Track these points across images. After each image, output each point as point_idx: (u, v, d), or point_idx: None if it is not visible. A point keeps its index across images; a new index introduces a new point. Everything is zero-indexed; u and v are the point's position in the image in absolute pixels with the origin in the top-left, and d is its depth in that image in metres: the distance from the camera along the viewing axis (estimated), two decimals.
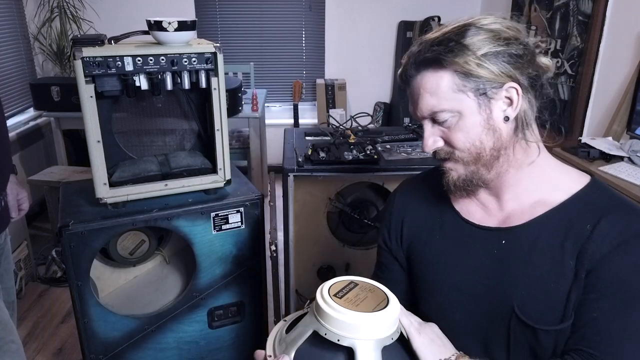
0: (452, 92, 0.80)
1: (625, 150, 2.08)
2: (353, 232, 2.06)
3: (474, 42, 0.79)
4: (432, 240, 0.96)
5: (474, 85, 0.79)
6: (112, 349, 1.54)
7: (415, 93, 0.84)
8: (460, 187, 0.87)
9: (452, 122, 0.82)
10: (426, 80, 0.82)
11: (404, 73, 0.85)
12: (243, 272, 1.66)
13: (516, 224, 0.86)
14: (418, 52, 0.83)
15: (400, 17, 4.03)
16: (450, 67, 0.79)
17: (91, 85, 1.32)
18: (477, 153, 0.83)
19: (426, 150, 0.86)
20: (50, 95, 3.15)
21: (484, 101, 0.80)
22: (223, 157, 1.54)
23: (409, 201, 1.02)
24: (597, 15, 2.62)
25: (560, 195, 0.84)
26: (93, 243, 1.41)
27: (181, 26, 1.37)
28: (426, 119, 0.85)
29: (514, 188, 0.87)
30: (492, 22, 0.82)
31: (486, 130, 0.82)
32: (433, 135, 0.85)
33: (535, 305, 0.82)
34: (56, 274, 2.73)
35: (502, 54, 0.79)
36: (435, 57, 0.80)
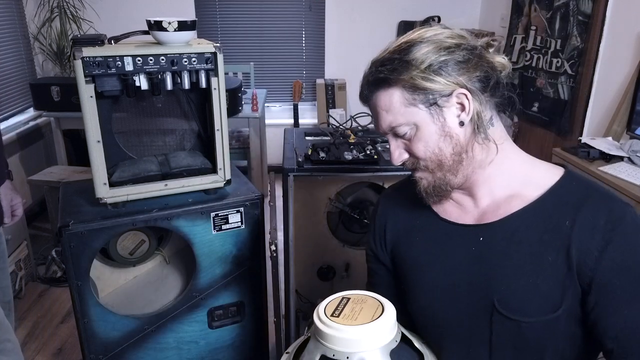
0: (404, 107, 0.84)
1: (625, 150, 2.08)
2: (353, 232, 2.06)
3: (417, 56, 0.82)
4: (413, 242, 0.98)
5: (423, 97, 0.83)
6: (112, 349, 1.54)
7: (374, 111, 0.89)
8: (431, 193, 0.90)
9: (411, 134, 0.86)
10: (380, 99, 0.86)
11: (361, 94, 0.91)
12: (243, 272, 1.66)
13: (492, 220, 0.88)
14: (369, 73, 0.88)
15: (400, 17, 4.03)
16: (398, 84, 0.83)
17: (91, 85, 1.32)
18: (439, 160, 0.86)
19: (395, 163, 0.91)
20: (50, 95, 3.15)
21: (435, 111, 0.84)
22: (223, 157, 1.54)
23: (391, 206, 1.05)
24: (597, 15, 2.62)
25: (534, 189, 0.86)
26: (93, 243, 1.41)
27: (181, 26, 1.37)
28: (388, 133, 0.90)
29: (486, 185, 0.89)
30: (434, 34, 0.84)
31: (443, 138, 0.85)
32: (398, 148, 0.90)
33: (515, 299, 0.84)
34: (56, 274, 2.73)
35: (446, 63, 0.81)
36: (384, 77, 0.84)
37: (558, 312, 0.81)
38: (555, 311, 0.81)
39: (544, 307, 0.82)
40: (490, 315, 0.86)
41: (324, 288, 2.11)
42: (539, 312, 0.82)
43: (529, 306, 0.82)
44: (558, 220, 0.82)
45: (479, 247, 0.89)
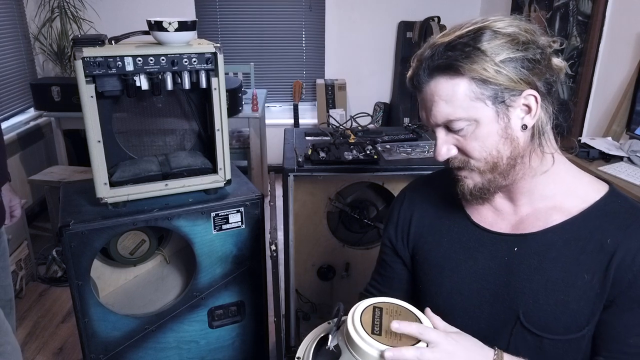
0: (469, 100, 0.76)
1: (624, 150, 2.08)
2: (353, 232, 2.06)
3: (492, 47, 0.75)
4: (440, 242, 0.94)
5: (492, 93, 0.76)
6: (113, 348, 1.54)
7: (429, 100, 0.80)
8: (476, 195, 0.84)
9: (468, 130, 0.79)
10: (441, 87, 0.77)
11: (416, 78, 0.80)
12: (243, 271, 1.66)
13: (530, 230, 0.84)
14: (431, 56, 0.78)
15: (400, 17, 4.03)
16: (467, 74, 0.75)
17: (92, 85, 1.32)
18: (494, 162, 0.80)
19: (439, 159, 0.84)
20: (50, 95, 3.16)
21: (502, 109, 0.77)
22: (223, 157, 1.54)
23: (418, 200, 1.00)
24: (596, 15, 2.62)
25: (577, 203, 0.82)
26: (93, 243, 1.42)
27: (181, 26, 1.38)
28: (439, 126, 0.81)
29: (530, 194, 0.85)
30: (508, 24, 0.77)
31: (503, 140, 0.79)
32: (447, 143, 0.82)
33: (542, 315, 0.81)
34: (56, 273, 2.73)
35: (521, 60, 0.75)
36: (451, 63, 0.76)
37: (583, 332, 0.80)
38: (580, 330, 0.80)
39: (570, 326, 0.80)
40: (512, 327, 0.84)
41: (324, 288, 2.12)
42: (565, 330, 0.80)
43: (555, 324, 0.80)
44: (599, 239, 0.79)
45: (511, 257, 0.85)
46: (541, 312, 0.81)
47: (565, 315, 0.80)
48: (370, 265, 2.16)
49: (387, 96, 4.28)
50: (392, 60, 4.19)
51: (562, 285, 0.80)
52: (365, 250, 2.04)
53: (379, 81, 4.23)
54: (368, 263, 2.07)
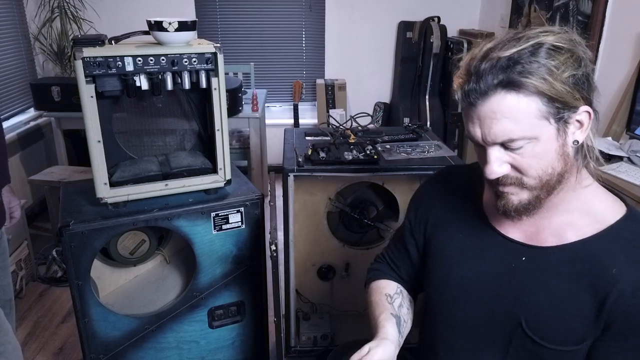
0: (534, 118, 0.74)
1: (624, 151, 2.08)
2: (353, 232, 2.06)
3: (557, 64, 0.72)
4: (453, 236, 0.96)
5: (556, 111, 0.74)
6: (113, 348, 1.54)
7: (488, 117, 0.75)
8: (520, 211, 0.83)
9: (527, 148, 0.76)
10: (506, 104, 0.73)
11: (472, 93, 0.75)
12: (243, 271, 1.66)
13: (542, 244, 0.85)
14: (491, 69, 0.73)
15: (400, 17, 4.03)
16: (535, 91, 0.72)
17: (92, 85, 1.32)
18: (547, 180, 0.79)
19: (491, 177, 0.80)
20: (50, 95, 3.15)
21: (562, 126, 0.76)
22: (223, 157, 1.54)
23: (442, 192, 1.01)
24: (596, 15, 2.62)
25: (592, 223, 0.82)
26: (93, 243, 1.42)
27: (181, 26, 1.38)
28: (496, 144, 0.78)
29: (554, 207, 0.84)
30: (562, 39, 0.74)
31: (558, 156, 0.77)
32: (499, 159, 0.78)
33: (544, 324, 0.84)
34: (57, 273, 2.73)
35: (581, 77, 0.74)
36: (518, 79, 0.72)
37: (580, 346, 0.82)
38: (578, 344, 0.82)
39: (568, 339, 0.82)
40: (513, 331, 0.86)
41: (324, 288, 2.12)
42: (563, 342, 0.83)
43: (554, 335, 0.83)
44: (606, 265, 0.79)
45: (518, 265, 0.87)
46: (542, 323, 0.83)
47: (564, 329, 0.82)
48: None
49: (387, 96, 4.28)
50: (392, 60, 4.18)
51: (564, 302, 0.82)
52: (365, 250, 2.04)
53: (379, 81, 4.23)
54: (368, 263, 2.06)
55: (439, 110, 3.99)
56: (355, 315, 2.15)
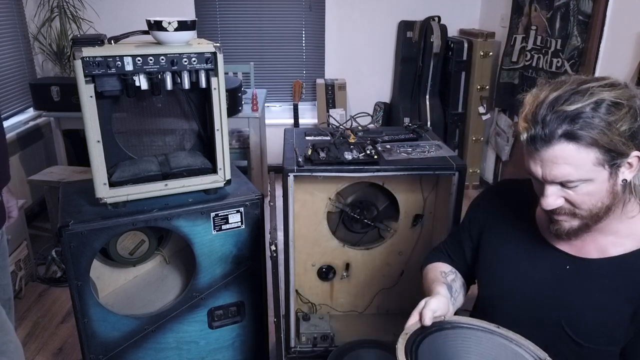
0: (591, 165, 0.84)
1: None
2: (353, 232, 2.05)
3: (615, 119, 0.81)
4: (507, 241, 1.08)
5: (611, 158, 0.84)
6: (112, 349, 1.54)
7: (551, 161, 0.85)
8: (570, 235, 0.95)
9: (582, 187, 0.87)
10: (568, 153, 0.84)
11: (539, 140, 0.85)
12: (243, 272, 1.66)
13: (587, 256, 0.97)
14: (556, 119, 0.83)
15: (400, 17, 4.02)
16: (595, 144, 0.82)
17: (91, 85, 1.32)
18: (597, 212, 0.90)
19: (547, 208, 0.91)
20: (50, 95, 3.15)
21: (614, 170, 0.86)
22: (223, 157, 1.54)
23: (501, 200, 1.14)
24: (597, 15, 2.62)
25: (635, 243, 0.94)
26: (93, 243, 1.41)
27: (181, 26, 1.37)
28: (550, 183, 0.89)
29: (600, 229, 0.95)
30: (621, 95, 0.83)
31: (609, 194, 0.88)
32: (555, 194, 0.90)
33: (583, 327, 0.95)
34: (56, 274, 2.72)
35: (637, 129, 0.84)
36: (581, 134, 0.82)
37: (615, 348, 0.94)
38: (613, 345, 0.94)
39: (606, 340, 0.94)
40: (556, 332, 0.98)
41: (324, 288, 2.11)
42: (600, 342, 0.94)
43: (593, 335, 0.95)
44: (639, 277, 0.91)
45: (563, 273, 0.99)
46: (583, 325, 0.95)
47: (603, 331, 0.94)
48: (371, 265, 2.17)
49: (387, 96, 4.28)
50: (392, 60, 4.18)
51: (602, 307, 0.94)
52: (365, 250, 2.04)
53: (379, 81, 4.23)
54: (368, 263, 2.06)
55: (439, 110, 3.99)
56: (355, 316, 2.15)
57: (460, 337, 0.95)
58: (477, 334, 0.95)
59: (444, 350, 0.93)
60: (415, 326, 0.95)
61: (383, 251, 2.04)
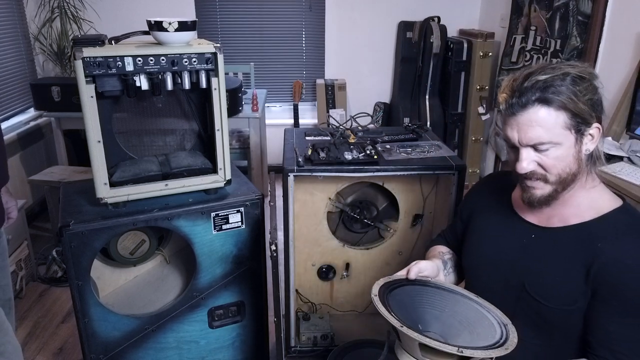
0: (560, 128, 0.97)
1: (624, 151, 2.08)
2: (353, 232, 2.06)
3: (580, 89, 0.96)
4: (487, 221, 1.23)
5: (576, 124, 0.97)
6: (113, 348, 1.54)
7: (525, 124, 0.98)
8: (541, 202, 1.06)
9: (551, 151, 0.99)
10: (541, 115, 0.97)
11: (515, 105, 0.98)
12: (243, 271, 1.66)
13: (549, 225, 1.09)
14: (530, 88, 0.97)
15: (400, 17, 4.02)
16: (564, 108, 0.96)
17: (92, 85, 1.32)
18: (564, 178, 1.02)
19: (521, 171, 1.02)
20: (50, 95, 3.15)
21: (579, 137, 0.99)
22: (223, 157, 1.54)
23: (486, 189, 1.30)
24: (596, 15, 2.62)
25: (592, 214, 1.04)
26: (93, 243, 1.42)
27: (181, 26, 1.38)
28: (526, 146, 1.00)
29: (565, 201, 1.06)
30: (582, 71, 0.98)
31: (574, 160, 1.01)
32: (528, 158, 1.01)
33: (542, 287, 1.07)
34: (57, 273, 2.73)
35: (596, 101, 0.98)
36: (552, 97, 0.95)
37: (572, 307, 1.03)
38: (570, 305, 1.03)
39: (562, 299, 1.04)
40: (520, 292, 1.09)
41: (324, 288, 2.12)
42: (557, 301, 1.04)
43: (551, 295, 1.05)
44: (594, 242, 1.01)
45: (529, 241, 1.12)
46: (542, 286, 1.07)
47: (559, 291, 1.04)
48: (371, 265, 2.17)
49: (387, 96, 4.28)
50: (392, 60, 4.18)
51: (560, 270, 1.05)
52: (365, 250, 2.05)
53: (379, 81, 4.23)
54: (368, 263, 2.07)
55: (439, 110, 3.99)
56: (355, 315, 2.16)
57: (438, 295, 1.08)
58: (455, 297, 1.07)
59: (418, 300, 1.06)
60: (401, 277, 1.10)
61: (383, 251, 2.04)
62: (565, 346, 1.09)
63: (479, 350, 0.90)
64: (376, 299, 1.01)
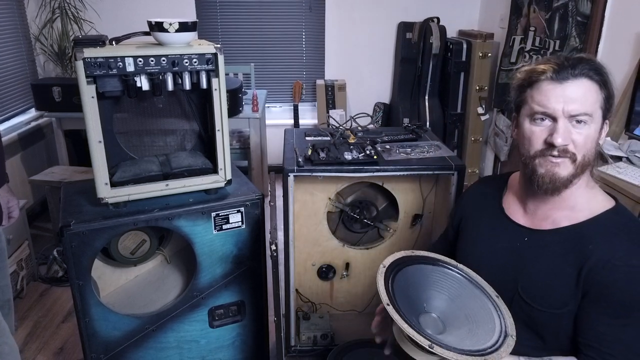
0: (597, 104, 1.02)
1: (623, 151, 2.09)
2: (353, 232, 2.06)
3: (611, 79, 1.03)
4: (479, 224, 1.24)
5: (604, 108, 1.03)
6: (113, 348, 1.55)
7: (573, 93, 1.01)
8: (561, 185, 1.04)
9: (585, 128, 1.01)
10: (588, 87, 1.01)
11: (567, 73, 1.01)
12: (243, 271, 1.67)
13: (540, 227, 1.11)
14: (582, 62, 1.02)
15: (400, 17, 4.03)
16: (605, 87, 1.02)
17: (92, 85, 1.33)
18: (586, 161, 1.03)
19: (559, 142, 1.01)
20: (51, 95, 3.16)
21: (602, 122, 1.04)
22: (224, 157, 1.55)
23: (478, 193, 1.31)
24: (596, 16, 2.63)
25: (585, 215, 1.06)
26: (94, 243, 1.42)
27: (182, 27, 1.38)
28: (564, 116, 1.01)
29: (562, 201, 1.08)
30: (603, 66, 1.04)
31: (595, 146, 1.04)
32: (566, 131, 1.02)
33: (534, 290, 1.07)
34: (57, 273, 2.73)
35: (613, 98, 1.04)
36: (596, 75, 1.01)
37: (563, 310, 1.04)
38: (561, 308, 1.04)
39: (553, 303, 1.05)
40: (513, 295, 1.10)
41: (324, 288, 2.12)
42: (548, 305, 1.05)
43: (542, 298, 1.06)
44: (585, 244, 1.03)
45: (521, 244, 1.13)
46: (534, 289, 1.08)
47: (550, 294, 1.05)
48: (371, 264, 2.18)
49: (387, 96, 4.29)
50: (392, 61, 4.19)
51: (552, 273, 1.06)
52: (365, 250, 2.05)
53: (379, 81, 4.24)
54: (368, 263, 2.07)
55: (438, 111, 3.99)
56: (355, 315, 2.16)
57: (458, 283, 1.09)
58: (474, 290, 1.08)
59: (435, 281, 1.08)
60: None
61: (383, 251, 2.05)
62: (558, 349, 1.09)
63: (452, 353, 0.87)
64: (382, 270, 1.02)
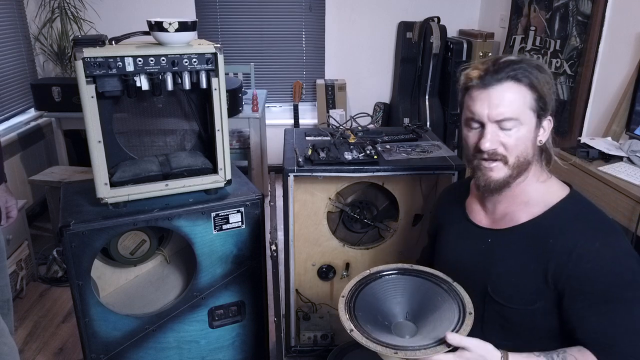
0: (525, 107, 1.01)
1: (624, 151, 2.08)
2: (353, 232, 2.06)
3: (544, 76, 1.02)
4: (449, 229, 1.27)
5: (537, 107, 1.02)
6: (113, 348, 1.55)
7: (497, 98, 1.01)
8: (498, 187, 1.07)
9: (515, 131, 1.02)
10: (509, 90, 1.00)
11: (490, 78, 1.01)
12: (243, 271, 1.66)
13: (500, 227, 1.13)
14: (506, 65, 1.01)
15: (400, 17, 4.03)
16: (532, 87, 1.01)
17: (92, 85, 1.33)
18: (521, 162, 1.04)
19: (486, 147, 1.03)
20: (51, 95, 3.16)
21: (537, 122, 1.04)
22: (224, 157, 1.54)
23: (446, 198, 1.35)
24: (596, 15, 2.62)
25: (540, 208, 1.07)
26: (94, 243, 1.42)
27: (182, 27, 1.38)
28: (490, 122, 1.02)
29: (515, 197, 1.10)
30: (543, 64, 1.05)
31: (531, 144, 1.04)
32: (494, 136, 1.03)
33: (503, 289, 1.09)
34: (57, 273, 2.73)
35: (553, 94, 1.03)
36: (524, 75, 1.00)
37: (534, 306, 1.05)
38: (532, 304, 1.05)
39: (523, 300, 1.06)
40: (484, 297, 1.11)
41: (324, 288, 2.12)
42: (519, 302, 1.06)
43: (511, 297, 1.07)
44: (546, 238, 1.03)
45: (486, 246, 1.14)
46: (503, 288, 1.09)
47: (519, 292, 1.06)
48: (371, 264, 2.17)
49: (387, 96, 4.28)
50: (392, 61, 4.19)
51: (517, 270, 1.07)
52: (365, 250, 2.05)
53: (379, 81, 4.23)
54: (368, 263, 2.07)
55: (438, 111, 3.99)
56: None
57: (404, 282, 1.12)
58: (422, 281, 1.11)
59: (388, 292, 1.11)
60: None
61: (383, 251, 2.04)
62: (535, 347, 1.06)
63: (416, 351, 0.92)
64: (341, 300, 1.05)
